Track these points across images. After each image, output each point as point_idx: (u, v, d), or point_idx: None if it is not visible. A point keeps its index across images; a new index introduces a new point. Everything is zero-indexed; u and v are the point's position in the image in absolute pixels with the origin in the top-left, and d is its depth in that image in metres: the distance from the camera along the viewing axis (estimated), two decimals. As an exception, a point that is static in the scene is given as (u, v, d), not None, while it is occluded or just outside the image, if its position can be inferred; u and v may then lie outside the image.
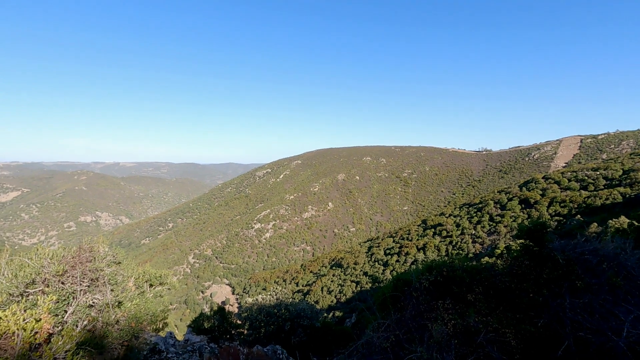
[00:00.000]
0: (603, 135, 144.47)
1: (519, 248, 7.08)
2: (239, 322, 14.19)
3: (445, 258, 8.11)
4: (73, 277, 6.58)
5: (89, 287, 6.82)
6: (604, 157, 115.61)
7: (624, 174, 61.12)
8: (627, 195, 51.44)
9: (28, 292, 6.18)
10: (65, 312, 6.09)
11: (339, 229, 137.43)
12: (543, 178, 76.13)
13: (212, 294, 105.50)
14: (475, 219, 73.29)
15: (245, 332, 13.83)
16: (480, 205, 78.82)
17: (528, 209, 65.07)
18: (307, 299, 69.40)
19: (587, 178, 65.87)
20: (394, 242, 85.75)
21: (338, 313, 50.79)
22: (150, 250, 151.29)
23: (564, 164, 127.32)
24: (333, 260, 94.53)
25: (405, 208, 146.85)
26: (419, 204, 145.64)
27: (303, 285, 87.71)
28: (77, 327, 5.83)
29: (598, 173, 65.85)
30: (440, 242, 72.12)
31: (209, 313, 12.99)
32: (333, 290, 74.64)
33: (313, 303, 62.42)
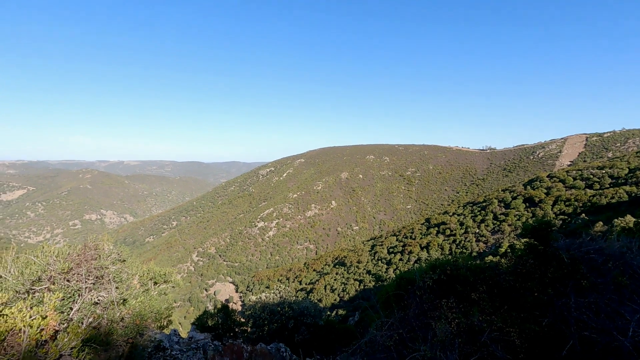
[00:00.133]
0: (609, 134, 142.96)
1: (524, 247, 7.03)
2: (243, 320, 14.25)
3: (449, 257, 8.08)
4: (78, 274, 6.64)
5: (94, 284, 6.88)
6: (610, 155, 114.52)
7: (630, 173, 60.62)
8: (633, 194, 50.97)
9: (34, 289, 6.25)
10: (71, 309, 6.14)
11: (342, 228, 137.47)
12: (548, 176, 75.67)
13: (215, 292, 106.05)
14: (479, 218, 73.01)
15: (249, 330, 13.88)
16: (484, 204, 78.48)
17: (532, 208, 64.69)
18: (310, 297, 69.53)
19: (592, 176, 65.39)
20: (397, 240, 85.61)
21: (341, 311, 50.82)
22: (155, 248, 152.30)
23: (569, 163, 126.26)
24: (336, 259, 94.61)
25: (409, 207, 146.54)
26: (423, 203, 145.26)
27: (306, 284, 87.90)
28: (82, 324, 5.88)
29: (604, 171, 65.34)
30: (444, 240, 71.90)
31: (213, 311, 13.05)
32: (336, 289, 74.73)
33: (316, 301, 62.50)
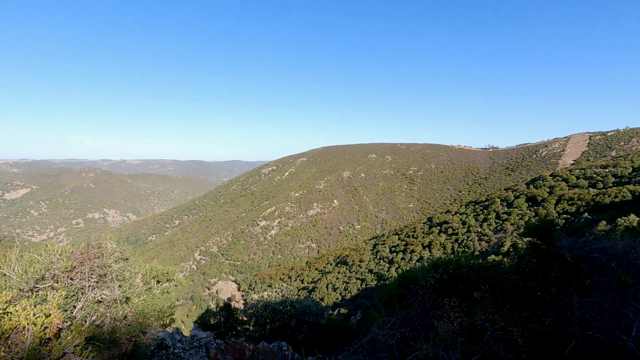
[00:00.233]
0: (612, 132, 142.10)
1: (526, 246, 7.01)
2: (245, 318, 14.28)
3: (451, 256, 8.06)
4: (82, 273, 6.67)
5: (97, 283, 6.91)
6: (614, 154, 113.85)
7: (634, 172, 60.25)
8: (636, 193, 50.58)
9: (38, 287, 6.29)
10: (74, 307, 6.18)
11: (344, 227, 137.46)
12: (551, 175, 75.32)
13: (218, 291, 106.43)
14: (482, 217, 72.78)
15: (251, 328, 13.92)
16: (487, 203, 78.22)
17: (535, 207, 64.41)
18: (312, 296, 69.61)
19: (595, 175, 65.01)
20: (400, 239, 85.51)
21: (343, 310, 50.86)
22: (157, 247, 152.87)
23: (572, 162, 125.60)
24: (338, 258, 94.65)
25: (411, 205, 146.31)
26: (425, 202, 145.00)
27: (308, 283, 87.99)
28: (85, 322, 5.91)
29: (607, 170, 64.96)
30: (446, 239, 71.74)
31: (215, 309, 13.08)
32: (338, 288, 74.79)
33: (318, 300, 62.53)
